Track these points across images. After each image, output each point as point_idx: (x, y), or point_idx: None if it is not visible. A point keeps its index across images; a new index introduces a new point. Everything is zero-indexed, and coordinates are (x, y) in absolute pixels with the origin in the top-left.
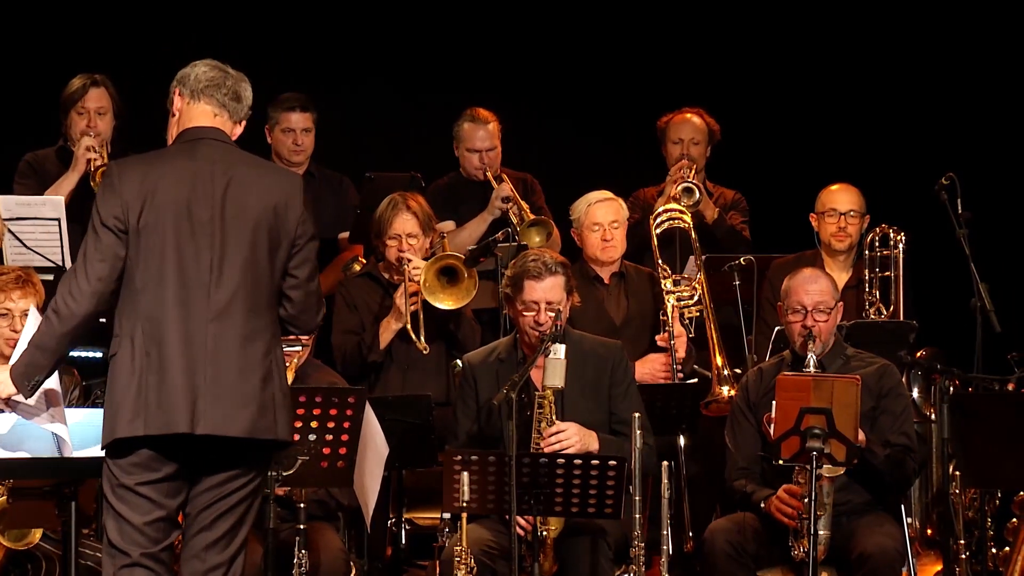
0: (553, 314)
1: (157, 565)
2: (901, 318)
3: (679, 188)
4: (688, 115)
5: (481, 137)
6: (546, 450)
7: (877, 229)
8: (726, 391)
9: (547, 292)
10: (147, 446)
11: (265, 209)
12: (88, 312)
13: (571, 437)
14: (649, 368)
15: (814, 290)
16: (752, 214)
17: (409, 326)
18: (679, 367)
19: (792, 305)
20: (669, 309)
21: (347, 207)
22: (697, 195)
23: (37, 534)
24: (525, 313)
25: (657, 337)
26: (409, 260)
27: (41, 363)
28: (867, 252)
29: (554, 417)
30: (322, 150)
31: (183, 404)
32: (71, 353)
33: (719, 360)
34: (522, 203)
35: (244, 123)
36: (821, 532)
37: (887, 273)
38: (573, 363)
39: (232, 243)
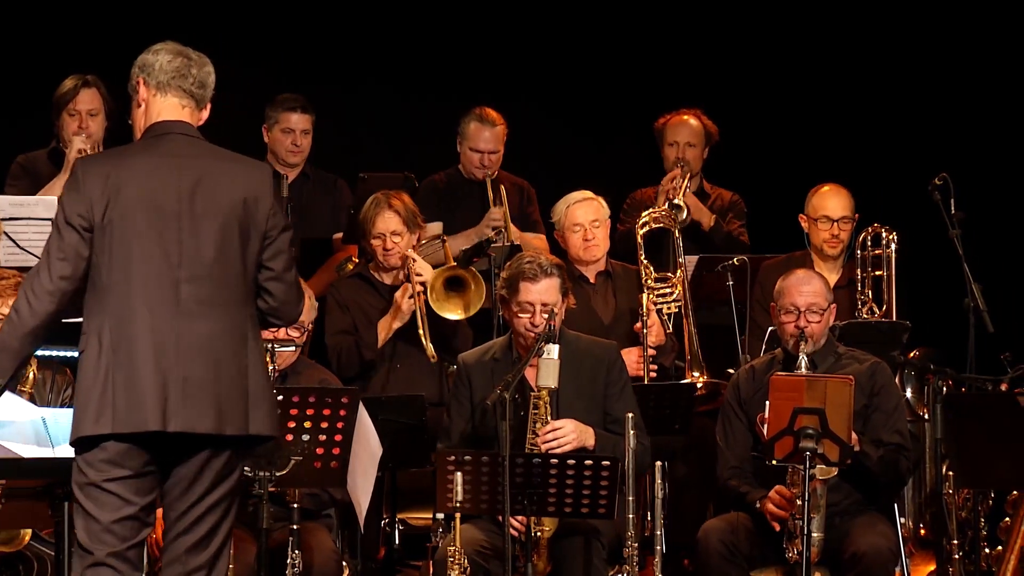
0: (548, 315)
1: (123, 564)
2: (894, 318)
3: (666, 206)
4: (685, 117)
5: (486, 138)
6: (543, 447)
7: (869, 228)
8: (697, 375)
9: (542, 294)
10: (117, 443)
11: (234, 202)
12: (50, 311)
13: (568, 434)
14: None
15: (807, 291)
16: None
17: (422, 332)
18: (652, 357)
19: (785, 306)
20: (644, 301)
21: (342, 207)
22: (685, 213)
23: (27, 535)
24: (520, 315)
25: (634, 326)
26: (414, 260)
27: (4, 365)
28: (859, 252)
29: (549, 417)
30: (318, 150)
31: (154, 402)
32: (65, 354)
33: (692, 348)
34: (511, 227)
35: (209, 106)
36: (814, 534)
37: (879, 272)
38: (568, 363)
39: (202, 238)
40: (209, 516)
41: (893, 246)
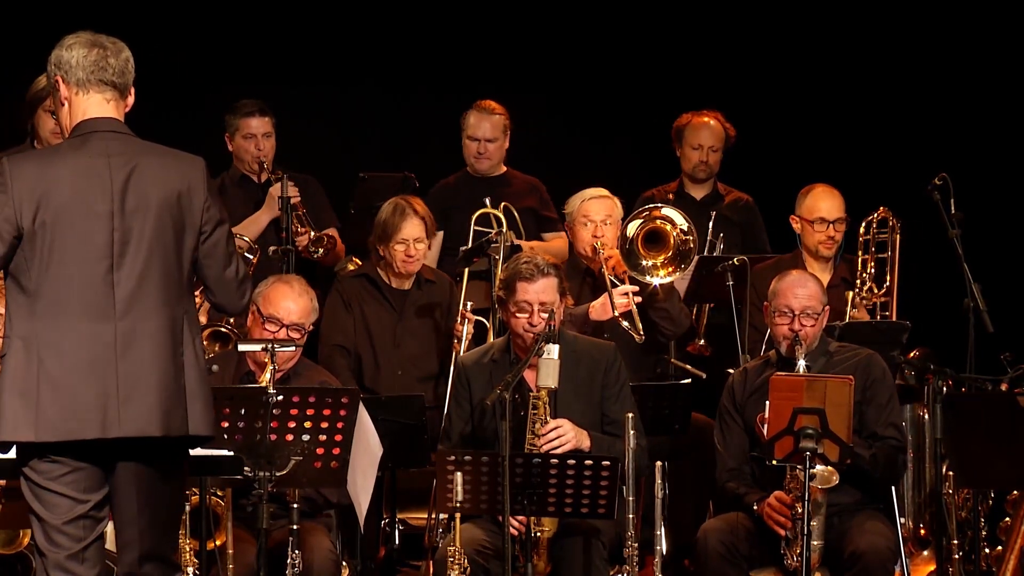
0: (547, 315)
1: (81, 565)
2: (895, 301)
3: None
4: (707, 119)
5: (484, 128)
6: (543, 447)
7: (877, 211)
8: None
9: (539, 294)
10: (55, 450)
11: (168, 197)
12: None
13: (567, 433)
14: (602, 300)
15: (802, 295)
16: None
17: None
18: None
19: (779, 308)
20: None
21: (317, 206)
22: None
23: (27, 536)
24: (518, 315)
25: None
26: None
27: None
28: (862, 233)
29: (548, 418)
30: (320, 151)
31: (92, 407)
32: None
33: None
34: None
35: (133, 91)
36: (814, 542)
37: (884, 255)
38: (566, 364)
39: (135, 236)
40: (158, 519)
41: (898, 229)
